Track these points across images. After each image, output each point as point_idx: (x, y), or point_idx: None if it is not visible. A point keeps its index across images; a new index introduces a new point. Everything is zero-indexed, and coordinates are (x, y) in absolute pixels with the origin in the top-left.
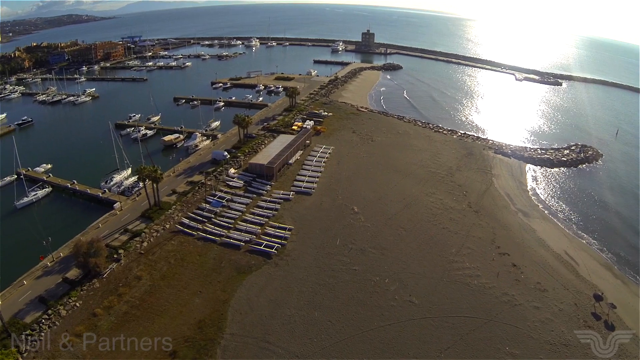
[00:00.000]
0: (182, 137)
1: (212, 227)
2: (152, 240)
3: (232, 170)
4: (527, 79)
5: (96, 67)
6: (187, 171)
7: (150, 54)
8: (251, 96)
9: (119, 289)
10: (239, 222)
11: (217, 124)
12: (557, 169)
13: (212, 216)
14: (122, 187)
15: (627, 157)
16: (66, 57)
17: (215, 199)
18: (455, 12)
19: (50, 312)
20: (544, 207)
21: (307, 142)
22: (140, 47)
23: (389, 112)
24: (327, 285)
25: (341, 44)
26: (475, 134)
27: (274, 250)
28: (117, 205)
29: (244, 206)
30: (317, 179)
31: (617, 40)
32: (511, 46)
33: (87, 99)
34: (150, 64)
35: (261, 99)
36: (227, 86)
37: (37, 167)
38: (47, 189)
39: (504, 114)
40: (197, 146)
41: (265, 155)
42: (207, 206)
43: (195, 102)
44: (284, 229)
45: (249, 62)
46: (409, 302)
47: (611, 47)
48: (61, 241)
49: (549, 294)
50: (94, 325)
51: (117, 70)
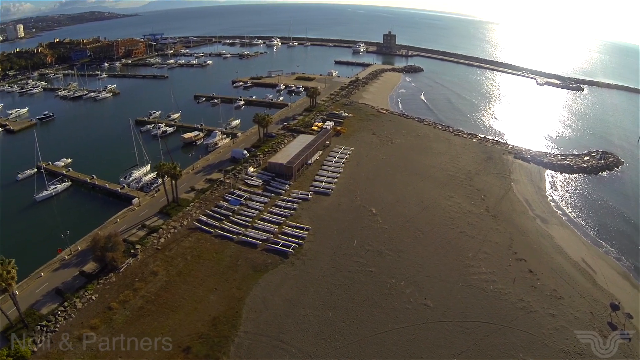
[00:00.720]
0: (201, 134)
1: (230, 225)
2: (169, 236)
3: (251, 168)
4: (548, 84)
5: (117, 64)
6: (206, 169)
7: (171, 51)
8: (272, 95)
9: (135, 284)
10: (257, 221)
11: (237, 122)
12: (576, 175)
13: (230, 214)
14: (141, 183)
15: None
16: (88, 54)
17: (233, 197)
18: (476, 14)
19: (66, 304)
20: (562, 214)
21: (327, 142)
22: (161, 44)
23: (408, 114)
24: (343, 286)
25: (362, 45)
26: (494, 138)
27: (290, 249)
28: (135, 200)
29: (262, 205)
30: (335, 180)
31: None
32: (533, 50)
33: (108, 95)
34: (171, 61)
35: (282, 98)
36: (248, 85)
37: (57, 161)
38: (67, 183)
39: (524, 118)
40: (216, 144)
41: (284, 154)
42: (225, 204)
43: (215, 101)
44: (302, 228)
45: (270, 61)
46: (423, 305)
47: (635, 53)
48: (79, 235)
49: (565, 301)
50: (109, 318)
51: (138, 67)
